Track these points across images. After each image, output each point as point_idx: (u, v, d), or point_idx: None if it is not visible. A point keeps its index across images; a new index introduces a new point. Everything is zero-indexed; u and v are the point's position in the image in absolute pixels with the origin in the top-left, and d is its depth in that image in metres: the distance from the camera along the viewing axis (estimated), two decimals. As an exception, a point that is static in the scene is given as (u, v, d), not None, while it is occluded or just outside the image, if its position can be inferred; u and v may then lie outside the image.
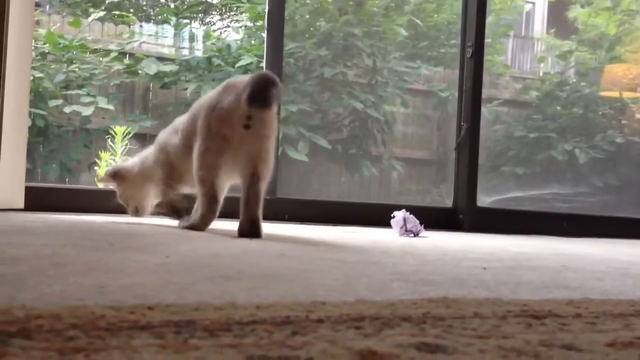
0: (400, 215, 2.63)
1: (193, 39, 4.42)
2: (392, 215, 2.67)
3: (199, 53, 4.29)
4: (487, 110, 4.50)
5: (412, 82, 4.59)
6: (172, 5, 4.73)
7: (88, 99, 3.80)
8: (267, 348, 0.59)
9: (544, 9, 6.65)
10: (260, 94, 1.89)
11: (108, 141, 3.20)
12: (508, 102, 4.93)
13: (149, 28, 4.48)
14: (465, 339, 0.67)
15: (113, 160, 3.07)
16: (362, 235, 2.49)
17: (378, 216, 3.01)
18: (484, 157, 3.80)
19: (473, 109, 3.42)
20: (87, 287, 0.87)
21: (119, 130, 3.16)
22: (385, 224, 2.74)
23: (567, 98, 5.05)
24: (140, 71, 4.03)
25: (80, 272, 1.01)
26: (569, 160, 4.74)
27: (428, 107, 4.71)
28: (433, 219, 3.11)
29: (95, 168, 2.52)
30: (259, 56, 4.00)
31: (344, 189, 4.45)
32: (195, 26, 4.63)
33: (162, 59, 4.14)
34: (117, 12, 4.32)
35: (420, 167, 4.68)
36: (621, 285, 1.29)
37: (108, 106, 3.79)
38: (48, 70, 3.87)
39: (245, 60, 4.07)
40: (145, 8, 4.76)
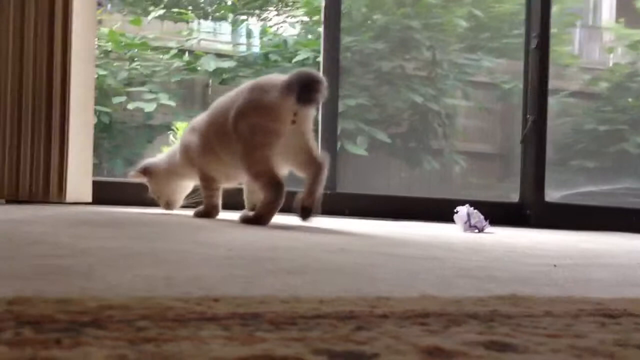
0: (464, 211, 2.59)
1: (250, 35, 4.45)
2: (455, 211, 2.63)
3: (256, 49, 4.32)
4: (554, 102, 4.39)
5: (474, 74, 4.51)
6: (230, 2, 4.78)
7: (150, 95, 3.88)
8: (332, 342, 0.58)
9: (612, -2, 6.41)
10: (309, 92, 1.97)
11: (170, 136, 3.27)
12: (576, 94, 4.79)
13: (207, 25, 4.54)
14: (536, 338, 0.65)
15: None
16: (424, 230, 2.47)
17: (440, 211, 2.98)
18: (551, 150, 3.70)
19: (539, 101, 3.34)
20: (154, 278, 0.89)
21: (181, 125, 3.21)
22: (447, 219, 2.70)
23: (639, 89, 4.88)
24: (199, 68, 4.09)
25: (147, 264, 1.03)
26: (642, 154, 4.59)
27: (491, 99, 4.61)
28: (498, 214, 3.06)
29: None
30: (315, 51, 4.01)
31: (404, 184, 4.41)
32: (252, 22, 4.67)
33: (220, 55, 4.19)
34: (176, 10, 4.39)
35: (483, 161, 4.59)
36: (698, 284, 1.23)
37: (169, 102, 3.87)
38: (111, 68, 3.98)
39: (302, 55, 4.08)
40: (203, 5, 4.83)
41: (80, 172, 2.64)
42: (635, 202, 4.28)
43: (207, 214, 2.32)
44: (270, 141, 2.03)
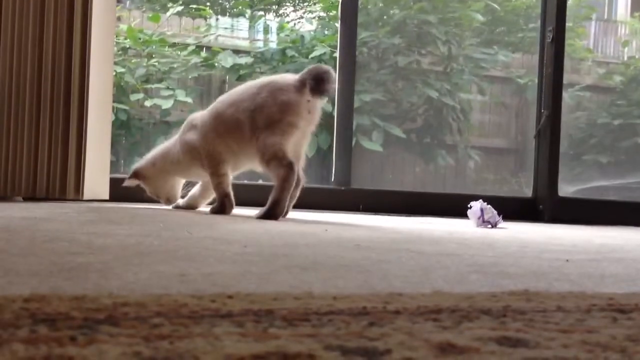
0: (477, 206, 2.58)
1: (267, 31, 4.45)
2: (468, 206, 2.62)
3: (273, 45, 4.32)
4: (568, 96, 4.35)
5: (489, 69, 4.48)
6: (247, -2, 4.78)
7: (167, 92, 3.90)
8: (345, 338, 0.59)
9: (627, -8, 6.33)
10: (322, 84, 2.20)
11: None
12: (591, 88, 4.74)
13: (224, 21, 4.55)
14: (548, 333, 0.65)
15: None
16: (437, 226, 2.46)
17: (454, 206, 2.97)
18: (565, 145, 3.67)
19: (554, 95, 3.31)
20: (169, 275, 0.90)
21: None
22: (462, 214, 2.69)
23: (654, 83, 4.82)
24: (217, 64, 4.10)
25: (162, 261, 1.04)
26: (657, 148, 4.53)
27: (506, 94, 4.58)
28: (512, 210, 3.04)
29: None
30: (332, 46, 4.00)
31: (419, 179, 4.40)
32: (270, 18, 4.67)
33: (238, 51, 4.20)
34: (194, 6, 4.41)
35: (497, 156, 4.56)
36: None
37: (186, 99, 3.89)
38: (129, 64, 4.00)
39: (319, 50, 4.07)
40: (221, 1, 4.83)
41: (97, 169, 2.66)
42: (649, 197, 4.24)
43: (222, 206, 2.35)
44: (286, 131, 2.21)
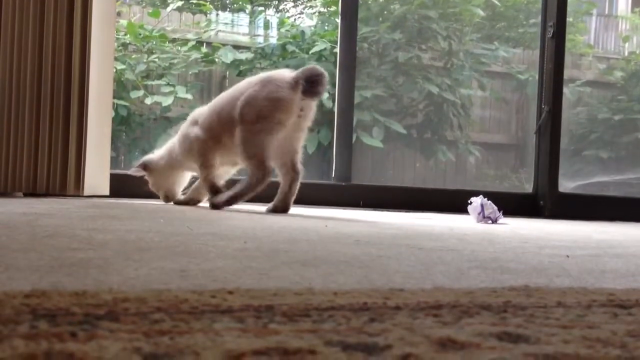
0: (477, 202, 2.58)
1: (268, 26, 4.45)
2: (469, 202, 2.62)
3: (274, 40, 4.32)
4: (569, 92, 4.34)
5: (490, 64, 4.47)
6: (247, -7, 4.77)
7: (168, 88, 3.90)
8: (345, 334, 0.59)
9: (628, -13, 6.31)
10: (314, 86, 2.22)
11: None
12: (591, 83, 4.73)
13: (224, 16, 4.54)
14: (548, 329, 0.65)
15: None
16: (438, 221, 2.46)
17: (454, 202, 2.97)
18: (565, 140, 3.67)
19: (554, 90, 3.31)
20: (170, 271, 0.90)
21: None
22: (462, 210, 2.70)
23: (654, 79, 4.81)
24: (217, 59, 4.10)
25: (163, 257, 1.04)
26: (656, 143, 4.53)
27: (506, 89, 4.57)
28: (512, 205, 3.04)
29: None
30: (332, 42, 4.00)
31: (419, 175, 4.40)
32: (270, 13, 4.67)
33: (238, 47, 4.19)
34: (194, 1, 4.40)
35: (498, 152, 4.56)
36: None
37: (187, 96, 3.88)
38: (129, 60, 4.00)
39: (319, 46, 4.07)
40: (221, -4, 4.83)
41: (97, 165, 2.66)
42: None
43: (215, 198, 2.40)
44: (273, 129, 2.24)
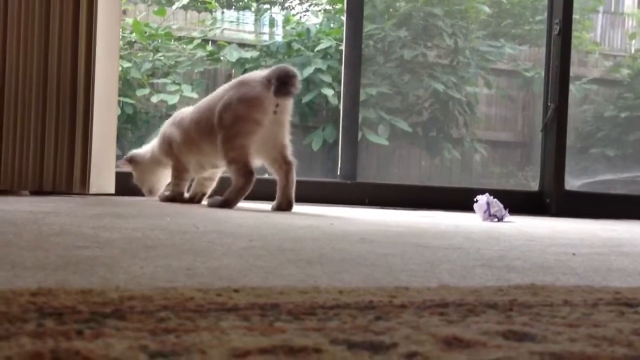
0: (483, 200, 2.58)
1: (273, 24, 4.45)
2: (475, 200, 2.61)
3: (279, 38, 4.31)
4: (575, 89, 4.33)
5: (496, 62, 4.46)
6: (253, -9, 4.77)
7: (173, 87, 3.90)
8: (350, 332, 0.59)
9: (635, -16, 6.28)
10: (286, 86, 2.23)
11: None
12: (597, 81, 4.71)
13: (230, 14, 4.54)
14: (555, 327, 0.65)
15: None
16: (443, 219, 2.46)
17: (460, 200, 2.96)
18: (572, 138, 3.66)
19: (560, 88, 3.30)
20: (176, 269, 0.90)
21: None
22: (468, 208, 2.69)
23: (661, 76, 4.79)
24: (223, 58, 4.10)
25: (169, 255, 1.04)
26: (664, 141, 4.51)
27: (512, 87, 4.56)
28: (518, 203, 3.04)
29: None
30: (338, 40, 4.00)
31: (425, 173, 4.39)
32: (275, 11, 4.66)
33: (243, 45, 4.19)
34: (200, 0, 4.40)
35: (504, 150, 4.55)
36: None
37: (192, 94, 3.89)
38: (135, 59, 4.00)
39: (325, 44, 4.07)
40: (226, -6, 4.83)
41: (103, 163, 2.67)
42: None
43: (172, 199, 2.55)
44: (251, 130, 2.25)
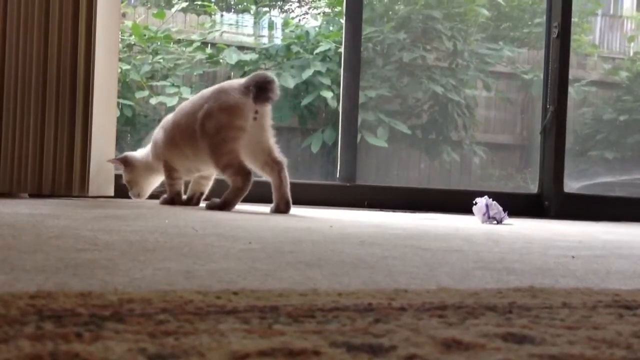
0: (482, 202, 2.58)
1: (272, 27, 4.45)
2: (474, 202, 2.62)
3: (278, 41, 4.32)
4: (574, 92, 4.33)
5: (495, 65, 4.47)
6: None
7: (172, 89, 3.90)
8: (350, 335, 0.59)
9: (633, -14, 6.29)
10: (264, 92, 2.31)
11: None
12: (596, 83, 4.72)
13: (229, 17, 4.54)
14: (554, 330, 0.65)
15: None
16: (442, 222, 2.46)
17: (459, 203, 2.97)
18: (571, 140, 3.66)
19: (559, 90, 3.30)
20: (175, 272, 0.90)
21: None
22: (467, 210, 2.69)
23: (660, 79, 4.80)
24: (222, 60, 4.10)
25: (168, 258, 1.04)
26: (662, 144, 4.51)
27: (511, 89, 4.57)
28: (517, 206, 3.04)
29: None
30: (337, 42, 4.00)
31: (424, 175, 4.39)
32: (275, 14, 4.67)
33: (243, 47, 4.20)
34: (199, 2, 4.40)
35: (503, 152, 4.55)
36: None
37: (191, 97, 3.89)
38: (134, 61, 4.00)
39: (324, 46, 4.07)
40: (225, -2, 4.83)
41: (102, 165, 2.67)
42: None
43: (171, 200, 2.58)
44: (235, 135, 2.30)
